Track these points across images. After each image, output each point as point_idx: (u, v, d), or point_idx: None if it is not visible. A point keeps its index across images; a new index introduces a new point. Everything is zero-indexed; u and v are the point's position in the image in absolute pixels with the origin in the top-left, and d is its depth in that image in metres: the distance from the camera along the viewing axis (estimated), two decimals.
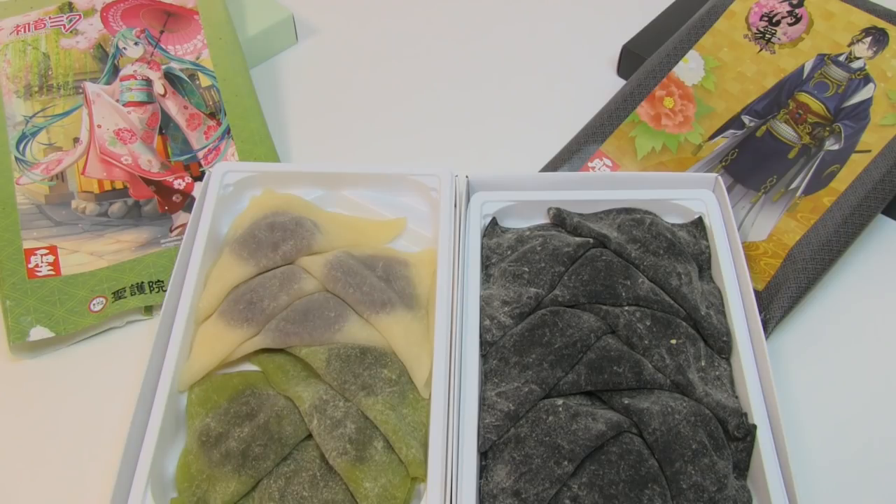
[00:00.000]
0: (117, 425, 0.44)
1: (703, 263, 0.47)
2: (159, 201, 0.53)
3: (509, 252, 0.46)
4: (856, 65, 0.54)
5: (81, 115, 0.56)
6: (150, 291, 0.48)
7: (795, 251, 0.47)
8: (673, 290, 0.43)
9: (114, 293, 0.48)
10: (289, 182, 0.50)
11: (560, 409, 0.38)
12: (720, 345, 0.42)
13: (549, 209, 0.48)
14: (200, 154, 0.55)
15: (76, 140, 0.55)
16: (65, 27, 0.61)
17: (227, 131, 0.56)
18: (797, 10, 0.57)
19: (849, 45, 0.54)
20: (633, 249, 0.44)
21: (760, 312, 0.44)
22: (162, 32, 0.61)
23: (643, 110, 0.55)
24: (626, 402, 0.39)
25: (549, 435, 0.37)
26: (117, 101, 0.57)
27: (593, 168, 0.53)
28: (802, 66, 0.54)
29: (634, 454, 0.37)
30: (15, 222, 0.51)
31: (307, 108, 0.63)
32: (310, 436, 0.40)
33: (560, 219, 0.47)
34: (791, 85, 0.54)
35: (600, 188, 0.49)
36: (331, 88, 0.64)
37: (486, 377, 0.41)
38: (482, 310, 0.43)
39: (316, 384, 0.41)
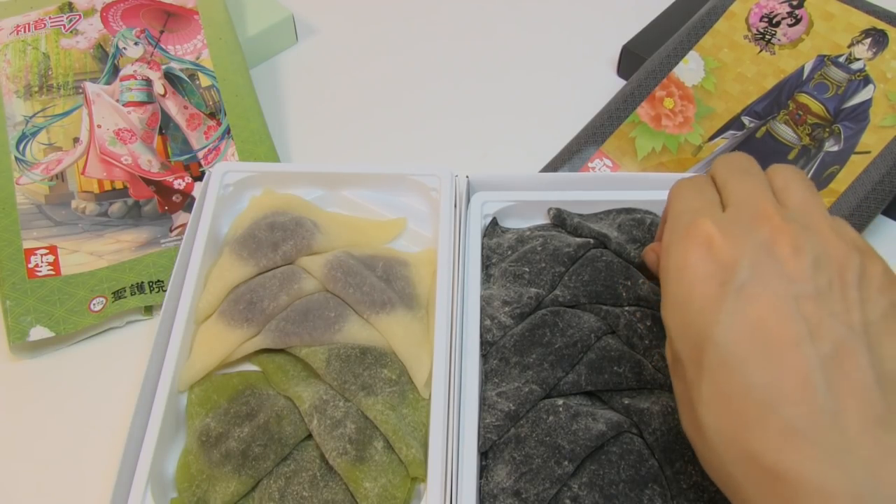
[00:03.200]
0: (117, 425, 0.44)
1: None
2: (159, 201, 0.53)
3: (510, 252, 0.46)
4: (855, 66, 0.54)
5: (81, 115, 0.56)
6: (150, 291, 0.48)
7: None
8: None
9: (114, 293, 0.48)
10: (289, 182, 0.50)
11: (560, 409, 0.38)
12: None
13: (549, 209, 0.48)
14: (200, 154, 0.55)
15: (76, 140, 0.55)
16: (65, 27, 0.61)
17: (227, 131, 0.56)
18: (797, 11, 0.57)
19: (849, 47, 0.54)
20: (633, 249, 0.44)
21: None
22: (162, 32, 0.61)
23: (643, 111, 0.55)
24: (626, 402, 0.39)
25: (549, 435, 0.37)
26: (117, 101, 0.57)
27: (593, 168, 0.53)
28: (802, 67, 0.54)
29: (635, 454, 0.37)
30: (15, 222, 0.51)
31: (307, 108, 0.63)
32: (310, 436, 0.40)
33: (560, 219, 0.47)
34: (791, 86, 0.54)
35: (600, 188, 0.49)
36: (331, 88, 0.64)
37: (486, 377, 0.41)
38: (482, 310, 0.43)
39: (316, 384, 0.41)
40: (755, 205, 0.29)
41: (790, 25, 0.56)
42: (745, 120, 0.53)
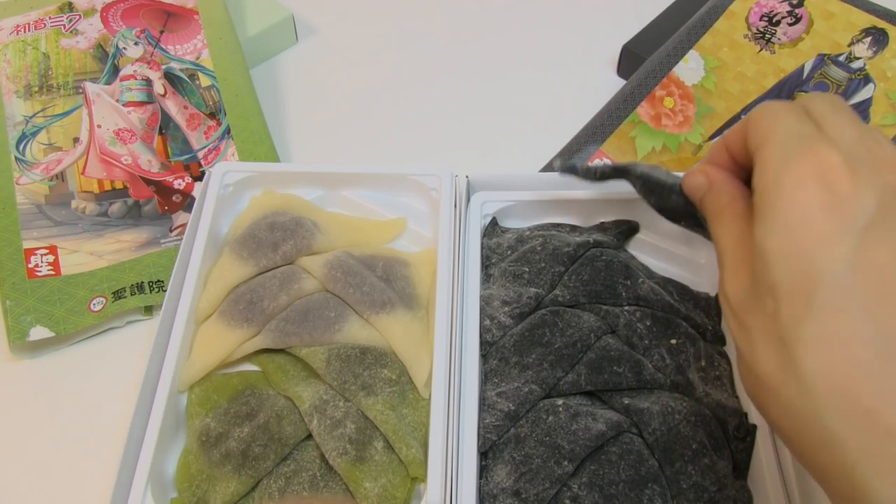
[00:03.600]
0: (117, 425, 0.44)
1: None
2: (159, 201, 0.53)
3: (509, 252, 0.46)
4: (856, 65, 0.54)
5: (81, 115, 0.56)
6: (150, 291, 0.48)
7: None
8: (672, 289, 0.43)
9: (114, 293, 0.48)
10: (289, 182, 0.50)
11: (560, 409, 0.38)
12: (720, 335, 0.43)
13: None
14: (200, 154, 0.55)
15: (76, 140, 0.55)
16: (65, 27, 0.61)
17: (227, 131, 0.56)
18: (797, 10, 0.57)
19: (849, 46, 0.54)
20: (663, 173, 0.38)
21: None
22: (162, 32, 0.61)
23: (643, 110, 0.55)
24: (626, 402, 0.39)
25: (549, 435, 0.37)
26: (117, 101, 0.57)
27: None
28: (802, 66, 0.54)
29: (634, 454, 0.37)
30: (15, 222, 0.51)
31: (307, 108, 0.63)
32: (310, 436, 0.40)
33: (571, 167, 0.42)
34: (791, 85, 0.54)
35: (600, 188, 0.49)
36: (331, 88, 0.64)
37: (486, 377, 0.41)
38: (482, 310, 0.43)
39: (316, 384, 0.41)
40: (872, 148, 0.27)
41: (790, 24, 0.56)
42: None
